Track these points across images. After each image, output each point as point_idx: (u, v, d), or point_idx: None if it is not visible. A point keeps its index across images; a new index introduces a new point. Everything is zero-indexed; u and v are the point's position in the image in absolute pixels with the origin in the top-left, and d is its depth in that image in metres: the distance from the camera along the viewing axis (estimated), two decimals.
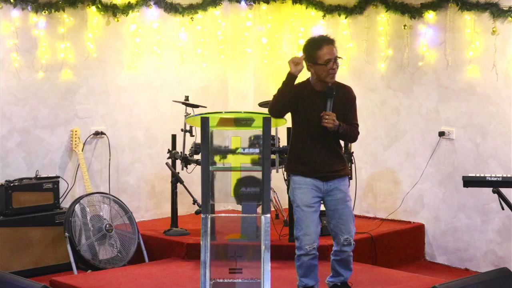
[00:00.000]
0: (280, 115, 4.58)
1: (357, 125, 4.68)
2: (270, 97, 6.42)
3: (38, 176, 6.20)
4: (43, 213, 6.05)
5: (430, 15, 6.40)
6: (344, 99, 4.60)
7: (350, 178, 5.78)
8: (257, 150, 4.33)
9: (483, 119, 6.17)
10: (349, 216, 4.68)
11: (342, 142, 4.81)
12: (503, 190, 4.52)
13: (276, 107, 4.53)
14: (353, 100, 4.68)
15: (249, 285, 4.34)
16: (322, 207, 7.10)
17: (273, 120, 4.34)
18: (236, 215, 5.37)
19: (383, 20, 6.76)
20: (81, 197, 6.04)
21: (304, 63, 4.48)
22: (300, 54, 4.61)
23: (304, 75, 4.55)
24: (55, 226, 6.04)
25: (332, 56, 4.45)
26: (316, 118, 4.49)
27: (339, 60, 4.51)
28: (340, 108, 4.53)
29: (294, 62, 4.39)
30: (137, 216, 6.55)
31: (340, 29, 7.09)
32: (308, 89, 4.58)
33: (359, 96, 7.03)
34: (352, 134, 4.63)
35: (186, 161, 6.29)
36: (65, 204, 6.27)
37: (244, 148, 4.57)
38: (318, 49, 4.46)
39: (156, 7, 6.95)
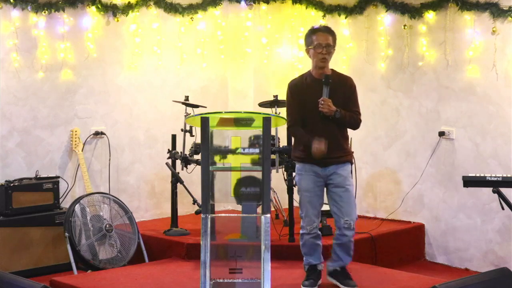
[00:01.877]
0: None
1: (359, 112, 4.93)
2: (270, 97, 6.49)
3: (38, 176, 6.20)
4: (43, 213, 6.05)
5: (430, 15, 6.40)
6: (343, 88, 4.89)
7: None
8: (257, 150, 4.34)
9: (483, 119, 6.17)
10: (349, 199, 4.87)
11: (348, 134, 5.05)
12: (503, 190, 4.53)
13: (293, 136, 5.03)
14: (353, 88, 4.95)
15: (249, 285, 4.34)
16: (323, 207, 7.12)
17: (273, 120, 4.35)
18: (236, 215, 5.38)
19: (383, 20, 6.76)
20: (81, 197, 6.04)
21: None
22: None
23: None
24: (55, 226, 6.04)
25: (323, 42, 4.79)
26: (314, 105, 4.76)
27: (333, 50, 4.85)
28: (339, 96, 4.82)
29: (320, 151, 4.71)
30: (137, 216, 6.55)
31: (340, 29, 7.08)
32: (308, 77, 4.91)
33: (359, 96, 7.05)
34: (352, 120, 4.89)
35: (186, 161, 6.29)
36: (65, 204, 6.27)
37: (244, 148, 4.58)
38: (313, 34, 4.85)
39: (156, 7, 6.95)
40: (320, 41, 4.80)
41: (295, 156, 4.97)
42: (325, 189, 4.94)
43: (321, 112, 4.75)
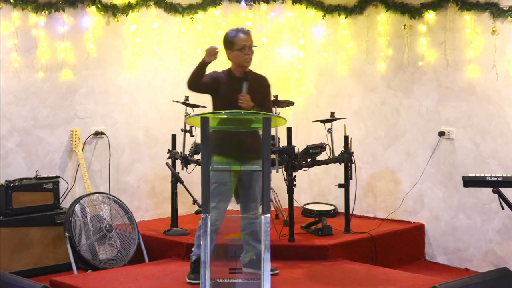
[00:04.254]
0: (196, 91, 5.26)
1: (270, 110, 5.25)
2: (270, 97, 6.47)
3: (38, 176, 6.20)
4: (43, 213, 6.05)
5: (430, 15, 6.40)
6: (261, 86, 5.15)
7: None
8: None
9: (483, 119, 6.17)
10: (259, 195, 5.01)
11: None
12: (503, 190, 4.53)
13: (191, 85, 5.11)
14: (268, 87, 5.23)
15: (249, 285, 4.34)
16: (322, 207, 7.15)
17: (273, 120, 4.36)
18: (236, 215, 5.38)
19: (383, 20, 6.76)
20: (81, 197, 6.04)
21: (217, 56, 4.99)
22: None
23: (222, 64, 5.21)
24: (55, 226, 6.04)
25: (247, 43, 5.06)
26: (234, 100, 4.93)
27: (254, 49, 5.10)
28: (257, 93, 5.03)
29: (209, 52, 4.93)
30: (137, 216, 6.55)
31: (340, 29, 7.10)
32: (228, 75, 5.13)
33: (359, 96, 7.09)
34: None
35: (186, 161, 6.29)
36: (65, 204, 6.27)
37: None
38: (235, 37, 5.06)
39: (156, 7, 6.95)
40: (244, 43, 5.05)
41: (217, 149, 5.02)
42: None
43: (240, 107, 4.90)
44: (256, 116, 4.42)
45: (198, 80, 5.03)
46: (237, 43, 5.03)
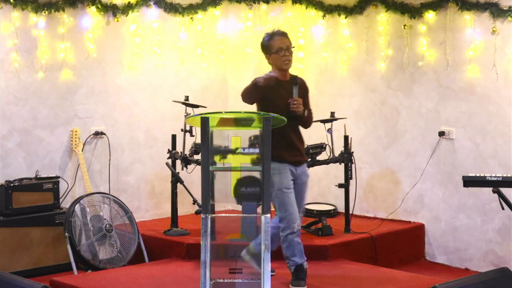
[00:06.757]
0: (250, 104, 5.06)
1: (311, 110, 5.19)
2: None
3: (38, 176, 6.20)
4: (43, 213, 6.05)
5: (430, 15, 6.41)
6: (303, 88, 5.09)
7: None
8: (257, 150, 4.34)
9: (483, 119, 6.17)
10: (305, 199, 5.21)
11: None
12: (503, 190, 4.53)
13: (246, 101, 4.98)
14: (308, 88, 5.21)
15: (249, 285, 4.34)
16: (322, 207, 7.14)
17: (273, 120, 4.35)
18: (236, 215, 5.38)
19: (383, 20, 6.76)
20: (81, 197, 6.04)
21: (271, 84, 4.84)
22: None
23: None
24: (55, 226, 6.04)
25: (284, 44, 4.95)
26: (283, 105, 4.87)
27: (292, 49, 5.00)
28: (300, 96, 4.97)
29: (266, 80, 4.80)
30: (137, 216, 6.55)
31: (340, 29, 7.09)
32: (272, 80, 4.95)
33: (359, 96, 7.10)
34: (311, 119, 5.16)
35: (186, 161, 6.29)
36: (65, 204, 6.27)
37: (244, 148, 4.58)
38: (271, 40, 4.99)
39: (156, 7, 6.95)
40: (281, 45, 4.94)
41: (273, 155, 4.93)
42: None
43: (294, 112, 4.86)
44: (256, 116, 4.41)
45: (254, 100, 4.96)
46: (273, 46, 4.95)
